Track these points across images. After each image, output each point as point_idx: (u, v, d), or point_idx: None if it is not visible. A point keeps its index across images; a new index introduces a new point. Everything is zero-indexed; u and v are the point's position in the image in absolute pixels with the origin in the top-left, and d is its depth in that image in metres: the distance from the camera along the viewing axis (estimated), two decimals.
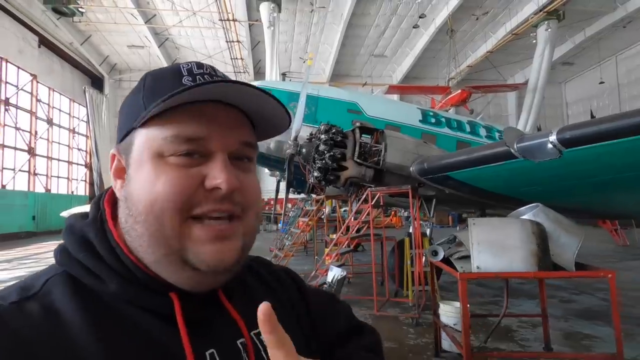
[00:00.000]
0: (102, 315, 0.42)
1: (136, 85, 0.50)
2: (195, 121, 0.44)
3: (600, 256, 8.94)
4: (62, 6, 15.21)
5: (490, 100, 25.45)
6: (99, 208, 0.50)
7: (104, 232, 0.47)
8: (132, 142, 0.46)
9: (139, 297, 0.44)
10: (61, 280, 0.44)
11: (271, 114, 0.50)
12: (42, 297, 0.42)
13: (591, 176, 3.86)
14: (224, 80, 0.46)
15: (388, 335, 3.78)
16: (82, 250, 0.45)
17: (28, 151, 16.19)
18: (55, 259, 0.47)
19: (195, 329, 0.45)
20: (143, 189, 0.44)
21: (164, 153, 0.44)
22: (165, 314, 0.44)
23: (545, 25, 17.25)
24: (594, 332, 3.76)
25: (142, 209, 0.43)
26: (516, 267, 2.45)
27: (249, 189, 0.48)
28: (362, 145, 5.32)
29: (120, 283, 0.44)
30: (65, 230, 0.48)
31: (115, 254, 0.45)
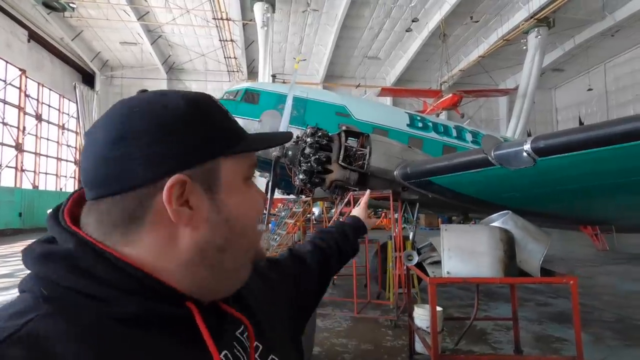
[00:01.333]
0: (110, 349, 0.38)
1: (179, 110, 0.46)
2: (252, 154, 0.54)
3: (582, 260, 9.14)
4: (53, 1, 15.07)
5: (482, 105, 25.73)
6: (70, 232, 0.44)
7: (101, 253, 0.42)
8: (218, 169, 0.48)
9: (154, 311, 0.42)
10: (53, 319, 0.37)
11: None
12: (27, 340, 0.35)
13: (565, 184, 3.98)
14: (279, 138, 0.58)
15: (365, 337, 3.86)
16: (79, 276, 0.40)
17: (15, 147, 15.99)
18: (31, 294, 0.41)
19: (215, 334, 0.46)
20: (245, 207, 0.50)
21: (249, 177, 0.52)
22: (182, 325, 0.44)
23: (536, 32, 17.56)
24: (565, 336, 3.87)
25: (248, 222, 0.50)
26: (484, 273, 2.53)
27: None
28: (348, 148, 5.38)
29: (137, 302, 0.41)
30: (40, 260, 0.42)
31: (122, 272, 0.42)
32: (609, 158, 3.29)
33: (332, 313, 4.66)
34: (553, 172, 3.77)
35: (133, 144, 0.43)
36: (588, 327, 4.18)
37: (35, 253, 0.43)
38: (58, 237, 0.44)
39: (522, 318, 4.46)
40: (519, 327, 3.32)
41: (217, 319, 0.50)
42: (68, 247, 0.43)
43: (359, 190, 5.27)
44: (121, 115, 0.45)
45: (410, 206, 5.83)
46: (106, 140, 0.43)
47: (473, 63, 20.85)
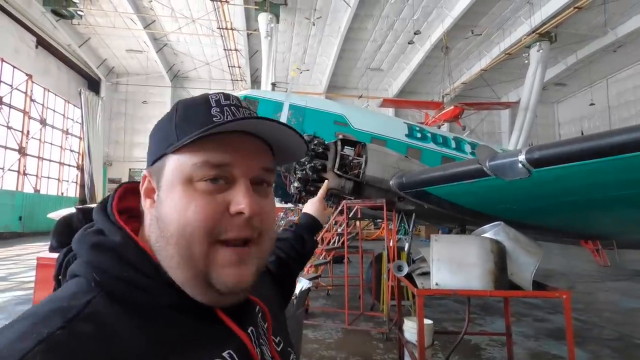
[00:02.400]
0: (156, 327, 0.45)
1: (168, 112, 0.54)
2: (221, 149, 0.49)
3: (583, 276, 8.97)
4: (62, 8, 15.33)
5: (484, 117, 25.80)
6: (117, 226, 0.51)
7: (142, 251, 0.49)
8: (164, 167, 0.50)
9: (185, 303, 0.48)
10: (106, 301, 0.44)
11: (290, 143, 0.56)
12: (92, 318, 0.41)
13: (562, 196, 3.91)
14: (249, 117, 0.51)
15: (355, 349, 3.76)
16: (128, 269, 0.47)
17: (19, 150, 16.10)
18: (86, 279, 0.46)
19: (235, 318, 0.52)
20: (175, 212, 0.48)
21: (193, 178, 0.48)
22: (209, 313, 0.50)
23: (538, 47, 17.65)
24: (561, 353, 3.75)
25: (174, 232, 0.47)
26: (473, 285, 2.46)
27: (267, 213, 0.53)
28: (343, 157, 5.35)
29: (172, 295, 0.47)
30: (93, 249, 0.48)
31: (159, 270, 0.48)
32: (607, 170, 3.23)
33: (324, 324, 4.56)
34: (550, 184, 3.70)
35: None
36: (586, 345, 4.06)
37: (90, 242, 0.49)
38: (106, 229, 0.51)
39: (519, 334, 4.35)
40: (512, 343, 3.21)
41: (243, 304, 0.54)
42: (115, 240, 0.49)
43: (354, 199, 5.23)
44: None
45: (407, 217, 5.76)
46: None
47: (475, 76, 20.94)
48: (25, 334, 0.37)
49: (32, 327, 0.38)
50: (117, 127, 22.75)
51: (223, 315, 0.50)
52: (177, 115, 0.52)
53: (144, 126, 22.89)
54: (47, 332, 0.37)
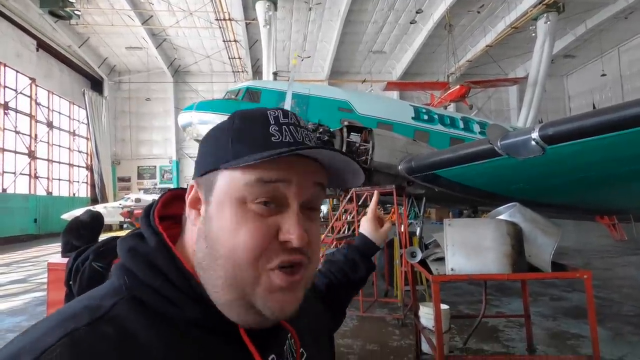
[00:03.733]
0: (176, 340, 0.44)
1: (224, 122, 0.53)
2: (275, 168, 0.47)
3: (599, 252, 8.84)
4: (59, 9, 15.23)
5: (491, 95, 25.24)
6: (155, 231, 0.51)
7: (174, 259, 0.48)
8: (215, 181, 0.49)
9: (209, 320, 0.47)
10: (131, 305, 0.45)
11: (345, 170, 0.54)
12: (115, 320, 0.42)
13: (578, 173, 3.80)
14: (312, 147, 0.49)
15: (371, 336, 3.75)
16: (156, 277, 0.47)
17: (28, 154, 16.30)
18: (120, 281, 0.47)
19: (257, 340, 0.50)
20: (225, 233, 0.46)
21: (247, 199, 0.47)
22: (232, 334, 0.48)
23: (545, 18, 17.06)
24: (581, 332, 3.69)
25: (223, 253, 0.46)
26: (490, 269, 2.40)
27: (314, 240, 0.51)
28: (350, 144, 5.27)
29: (196, 310, 0.46)
30: (128, 253, 0.49)
31: (189, 281, 0.47)
32: (624, 143, 3.10)
33: None
34: (564, 161, 3.59)
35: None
36: (606, 322, 4.00)
37: (126, 246, 0.50)
38: (145, 234, 0.51)
39: (536, 313, 4.30)
40: (531, 324, 3.17)
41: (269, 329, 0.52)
42: (150, 246, 0.49)
43: (362, 185, 5.16)
44: None
45: (417, 201, 5.69)
46: None
47: (481, 53, 20.40)
48: (53, 329, 0.39)
49: (62, 322, 0.40)
50: (122, 126, 22.85)
51: (246, 338, 0.49)
52: (234, 128, 0.51)
53: (148, 123, 22.96)
54: (72, 328, 0.39)
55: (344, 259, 0.90)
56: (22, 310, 5.08)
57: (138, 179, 22.75)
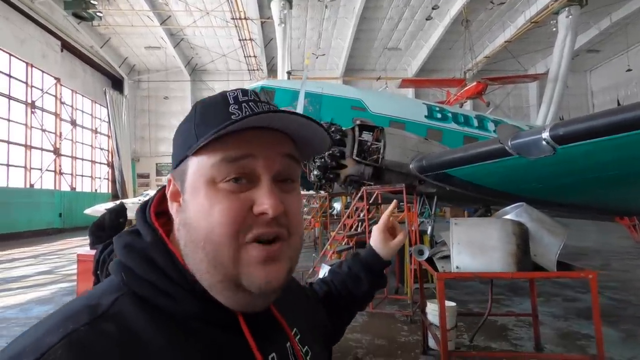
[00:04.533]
0: (176, 333, 0.44)
1: (188, 113, 0.53)
2: (239, 143, 0.47)
3: (619, 253, 8.61)
4: (82, 11, 15.77)
5: (510, 92, 24.68)
6: (151, 227, 0.51)
7: (169, 254, 0.48)
8: (186, 170, 0.49)
9: (208, 313, 0.47)
10: (130, 301, 0.44)
11: (312, 136, 0.53)
12: (116, 318, 0.42)
13: (590, 173, 3.75)
14: (267, 111, 0.48)
15: (380, 332, 3.83)
16: (153, 272, 0.47)
17: (54, 151, 16.98)
18: (117, 278, 0.47)
19: (258, 336, 0.49)
20: (200, 216, 0.47)
21: (216, 179, 0.47)
22: (232, 326, 0.48)
23: (566, 12, 16.52)
24: (593, 333, 3.63)
25: (201, 236, 0.46)
26: (495, 268, 2.44)
27: (292, 212, 0.50)
28: (362, 143, 5.33)
29: (194, 303, 0.46)
30: (124, 249, 0.49)
31: (185, 275, 0.47)
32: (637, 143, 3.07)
33: None
34: (576, 161, 3.56)
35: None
36: (620, 324, 3.96)
37: (122, 243, 0.50)
38: (141, 230, 0.51)
39: (547, 314, 4.29)
40: (538, 323, 3.18)
41: (267, 322, 0.53)
42: (146, 241, 0.49)
43: (374, 184, 5.22)
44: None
45: (429, 199, 5.71)
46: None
47: (499, 48, 19.94)
48: (54, 329, 0.39)
49: (62, 322, 0.40)
50: (142, 124, 23.47)
51: (247, 332, 0.48)
52: (196, 116, 0.51)
53: (167, 121, 23.49)
54: (72, 328, 0.39)
55: (347, 271, 0.84)
56: (50, 299, 5.38)
57: (156, 175, 23.38)
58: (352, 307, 0.85)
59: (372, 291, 0.85)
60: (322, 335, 0.70)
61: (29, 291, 5.89)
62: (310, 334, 0.62)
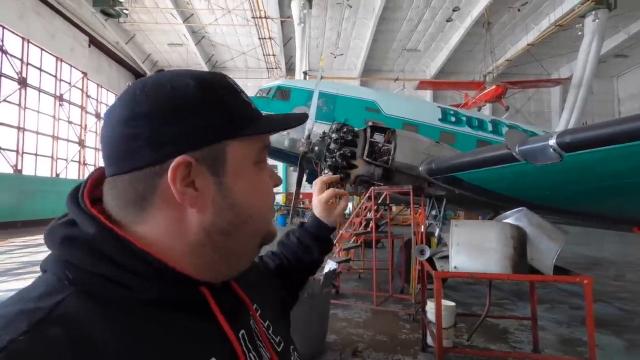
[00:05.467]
0: (139, 328, 0.40)
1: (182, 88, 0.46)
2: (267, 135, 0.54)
3: (636, 264, 8.40)
4: (109, 8, 16.36)
5: (531, 96, 24.17)
6: (90, 216, 0.44)
7: (121, 241, 0.43)
8: (225, 152, 0.47)
9: (173, 298, 0.44)
10: (79, 300, 0.39)
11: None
12: (61, 321, 0.36)
13: (599, 180, 3.74)
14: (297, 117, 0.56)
15: (382, 328, 3.94)
16: (102, 263, 0.41)
17: (79, 143, 17.69)
18: (56, 276, 0.42)
19: (228, 316, 0.48)
20: (252, 195, 0.50)
21: (259, 161, 0.52)
22: (198, 308, 0.46)
23: (593, 16, 16.03)
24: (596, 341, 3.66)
25: (253, 213, 0.50)
26: (491, 269, 2.52)
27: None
28: (373, 144, 5.42)
29: (156, 289, 0.42)
30: (63, 244, 0.43)
31: (143, 261, 0.43)
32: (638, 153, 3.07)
33: (354, 304, 4.78)
34: (585, 169, 3.56)
35: (140, 125, 0.43)
36: (625, 333, 3.94)
37: (58, 236, 0.44)
38: (79, 220, 0.45)
39: (551, 320, 4.30)
40: (537, 327, 3.22)
41: (233, 300, 0.53)
42: (90, 232, 0.43)
43: (384, 185, 5.31)
44: (133, 95, 0.45)
45: (438, 202, 5.76)
46: (118, 119, 0.45)
47: (521, 52, 19.55)
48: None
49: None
50: None
51: (218, 311, 0.46)
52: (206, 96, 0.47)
53: None
54: (9, 339, 0.33)
55: (297, 242, 0.87)
56: None
57: None
58: (305, 274, 0.88)
59: (321, 257, 0.89)
60: (279, 307, 0.72)
61: None
62: (269, 308, 0.63)
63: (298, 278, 0.86)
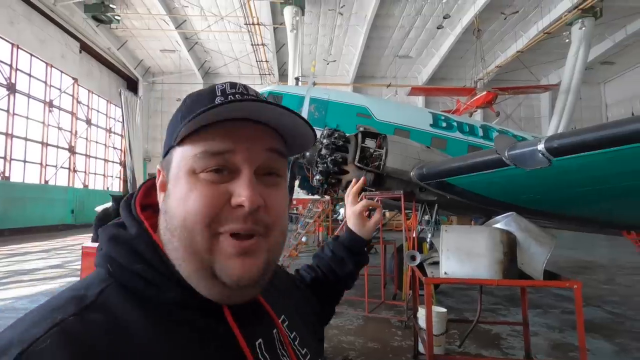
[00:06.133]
0: (163, 322, 0.45)
1: (179, 105, 0.54)
2: (222, 137, 0.47)
3: (626, 268, 8.48)
4: (101, 14, 16.32)
5: (521, 102, 24.53)
6: (136, 219, 0.51)
7: (153, 245, 0.49)
8: (171, 159, 0.50)
9: (193, 301, 0.47)
10: (117, 292, 0.45)
11: (296, 129, 0.53)
12: (102, 308, 0.42)
13: (588, 185, 3.77)
14: (248, 99, 0.49)
15: (374, 336, 3.89)
16: (137, 262, 0.47)
17: (69, 149, 17.47)
18: (103, 269, 0.48)
19: (243, 323, 0.50)
20: (178, 203, 0.47)
21: (196, 170, 0.47)
22: (216, 314, 0.48)
23: (580, 24, 16.40)
24: (587, 346, 3.66)
25: (177, 223, 0.47)
26: (481, 275, 2.50)
27: (274, 206, 0.50)
28: (364, 149, 5.41)
29: (177, 291, 0.46)
30: (109, 241, 0.50)
31: (168, 265, 0.48)
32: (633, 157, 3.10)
33: (345, 311, 4.72)
34: (573, 173, 3.59)
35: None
36: (615, 337, 3.95)
37: (107, 235, 0.51)
38: (126, 222, 0.52)
39: (543, 325, 4.30)
40: (529, 332, 3.20)
41: (251, 308, 0.53)
42: (131, 232, 0.50)
43: (375, 190, 5.30)
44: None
45: (429, 207, 5.76)
46: None
47: (511, 58, 19.87)
48: (40, 320, 0.39)
49: (48, 313, 0.40)
50: (154, 125, 23.97)
51: (231, 319, 0.49)
52: (184, 107, 0.52)
53: None
54: (60, 318, 0.39)
55: (331, 255, 0.86)
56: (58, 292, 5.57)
57: None
58: (340, 287, 0.87)
59: (356, 270, 0.87)
60: (312, 321, 0.71)
61: (38, 284, 6.10)
62: (299, 320, 0.63)
63: (334, 291, 0.86)
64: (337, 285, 0.86)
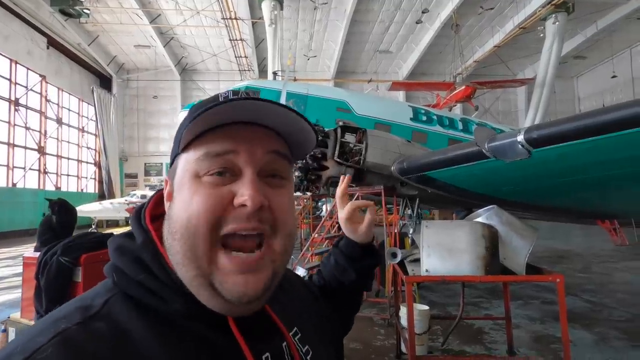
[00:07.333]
0: (167, 332, 0.44)
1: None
2: (223, 138, 0.48)
3: (600, 256, 8.72)
4: (69, 7, 15.56)
5: (499, 96, 24.99)
6: (144, 229, 0.51)
7: (158, 255, 0.48)
8: (176, 167, 0.51)
9: (197, 312, 0.46)
10: (122, 301, 0.45)
11: (298, 130, 0.52)
12: (106, 317, 0.43)
13: (566, 175, 3.77)
14: (250, 98, 0.47)
15: (356, 335, 3.79)
16: (142, 272, 0.47)
17: (38, 150, 16.65)
18: (110, 279, 0.48)
19: (249, 335, 0.48)
20: (181, 207, 0.47)
21: (199, 173, 0.47)
22: (222, 325, 0.47)
23: (553, 19, 16.81)
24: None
25: (179, 227, 0.46)
26: (464, 271, 2.42)
27: (279, 206, 0.49)
28: (344, 144, 5.29)
29: (181, 302, 0.46)
30: (115, 251, 0.50)
31: (172, 275, 0.47)
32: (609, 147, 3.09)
33: None
34: (553, 163, 3.57)
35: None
36: (594, 327, 3.98)
37: (114, 245, 0.50)
38: (135, 232, 0.52)
39: (524, 317, 4.30)
40: (512, 327, 3.17)
41: (261, 321, 0.52)
42: (137, 243, 0.50)
43: (355, 185, 5.19)
44: None
45: (411, 202, 5.70)
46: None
47: (488, 53, 20.20)
48: (45, 329, 0.40)
49: (54, 322, 0.41)
50: (130, 123, 23.19)
51: (237, 332, 0.47)
52: (188, 115, 0.51)
53: (156, 121, 23.24)
54: (64, 327, 0.39)
55: (334, 263, 0.82)
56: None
57: (145, 175, 23.08)
58: (350, 296, 0.83)
59: (361, 278, 0.81)
60: (327, 331, 0.68)
61: (2, 293, 5.73)
62: (314, 332, 0.61)
63: (346, 301, 0.82)
64: (347, 295, 0.82)
